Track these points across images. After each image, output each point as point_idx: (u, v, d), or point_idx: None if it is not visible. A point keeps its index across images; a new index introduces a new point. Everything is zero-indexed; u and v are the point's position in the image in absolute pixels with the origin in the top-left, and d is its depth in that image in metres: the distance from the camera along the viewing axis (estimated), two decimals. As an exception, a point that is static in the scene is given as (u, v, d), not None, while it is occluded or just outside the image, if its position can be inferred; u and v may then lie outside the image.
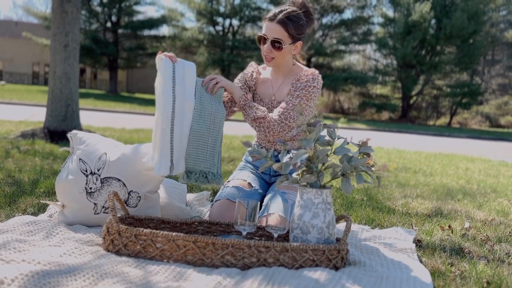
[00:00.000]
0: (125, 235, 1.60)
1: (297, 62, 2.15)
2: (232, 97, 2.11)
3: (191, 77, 1.92)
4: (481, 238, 2.21)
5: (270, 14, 1.97)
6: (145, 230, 1.59)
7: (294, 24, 1.96)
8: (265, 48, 1.99)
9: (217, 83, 1.95)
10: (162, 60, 1.86)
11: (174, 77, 1.87)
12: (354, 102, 26.74)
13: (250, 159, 2.28)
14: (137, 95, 27.20)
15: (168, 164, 1.83)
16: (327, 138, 1.69)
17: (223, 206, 1.99)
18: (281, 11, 1.96)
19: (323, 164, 1.69)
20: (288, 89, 2.08)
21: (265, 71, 2.22)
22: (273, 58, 2.00)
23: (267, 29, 1.96)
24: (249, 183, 2.10)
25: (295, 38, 1.99)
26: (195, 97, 1.91)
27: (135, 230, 1.59)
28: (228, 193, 2.03)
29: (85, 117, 8.33)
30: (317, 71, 2.05)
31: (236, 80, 2.19)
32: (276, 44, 1.96)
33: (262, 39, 2.00)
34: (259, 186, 2.15)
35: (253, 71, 2.19)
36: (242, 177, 2.15)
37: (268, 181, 2.23)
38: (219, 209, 1.99)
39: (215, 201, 2.05)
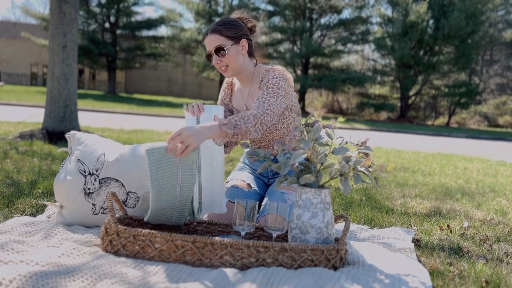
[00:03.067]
0: (124, 236, 1.60)
1: (259, 64, 2.09)
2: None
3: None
4: (479, 238, 2.21)
5: (205, 32, 2.01)
6: (143, 230, 1.59)
7: (226, 27, 1.96)
8: (214, 61, 1.98)
9: (187, 146, 1.62)
10: (186, 116, 1.94)
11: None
12: (352, 102, 26.76)
13: (247, 161, 2.28)
14: (136, 95, 27.18)
15: (196, 205, 1.91)
16: (326, 138, 1.69)
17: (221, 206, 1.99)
18: (212, 24, 2.00)
19: (322, 164, 1.69)
20: (256, 96, 2.04)
21: (237, 82, 2.18)
22: (227, 66, 1.98)
23: (207, 44, 1.97)
24: (248, 184, 2.11)
25: (235, 38, 1.96)
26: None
27: (133, 231, 1.59)
28: (226, 194, 2.03)
29: (83, 118, 8.33)
30: (279, 67, 2.00)
31: (220, 97, 2.22)
32: (219, 51, 1.94)
33: (209, 57, 2.00)
34: (258, 186, 2.15)
35: (226, 87, 2.20)
36: (240, 177, 2.15)
37: (266, 183, 2.23)
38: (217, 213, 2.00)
39: None
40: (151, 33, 27.48)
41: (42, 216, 2.05)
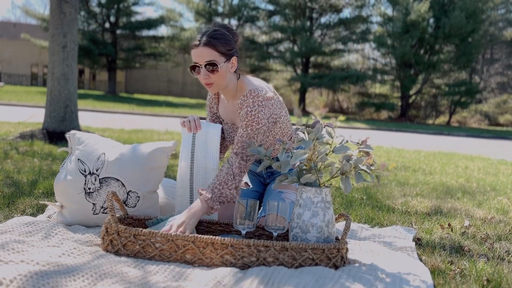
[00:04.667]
0: (124, 235, 1.60)
1: (242, 77, 1.96)
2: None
3: (214, 141, 1.97)
4: (480, 236, 2.20)
5: (194, 41, 1.84)
6: (144, 230, 1.59)
7: (221, 41, 1.82)
8: (201, 76, 1.83)
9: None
10: (182, 133, 1.97)
11: (194, 145, 1.97)
12: (353, 102, 26.75)
13: None
14: (136, 95, 27.18)
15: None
16: (326, 137, 1.69)
17: (222, 206, 1.99)
18: (203, 34, 1.83)
19: (322, 163, 1.69)
20: (236, 114, 1.97)
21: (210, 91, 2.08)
22: (212, 83, 1.85)
23: (196, 56, 1.82)
24: (246, 183, 2.10)
25: (227, 54, 1.84)
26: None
27: (134, 230, 1.59)
28: None
29: (84, 118, 8.33)
30: (257, 88, 1.86)
31: (206, 106, 2.18)
32: (211, 67, 1.81)
33: (195, 68, 1.85)
34: (255, 185, 2.14)
35: (212, 95, 2.10)
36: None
37: (263, 182, 2.22)
38: (219, 211, 1.99)
39: None
40: (151, 33, 27.49)
41: (42, 216, 2.05)
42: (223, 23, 1.94)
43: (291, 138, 2.03)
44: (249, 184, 2.11)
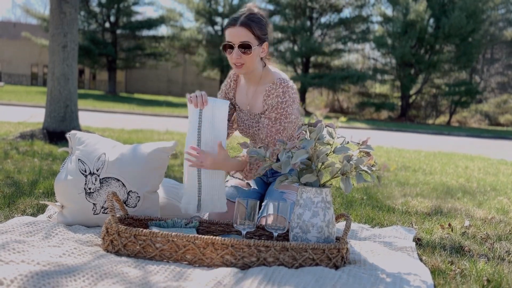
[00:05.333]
0: (125, 236, 1.60)
1: (267, 65, 2.02)
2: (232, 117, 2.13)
3: (221, 117, 1.90)
4: (481, 236, 2.20)
5: (230, 21, 1.89)
6: (144, 230, 1.59)
7: (257, 25, 1.87)
8: (233, 55, 1.87)
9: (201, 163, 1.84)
10: (189, 106, 1.90)
11: (201, 122, 1.90)
12: (353, 102, 26.74)
13: None
14: (136, 95, 27.18)
15: (195, 203, 1.92)
16: (327, 137, 1.69)
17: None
18: (241, 15, 1.88)
19: (323, 163, 1.69)
20: (260, 100, 1.99)
21: (242, 79, 2.12)
22: (243, 64, 1.89)
23: (232, 35, 1.86)
24: (248, 183, 2.10)
25: (261, 39, 1.89)
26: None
27: (134, 230, 1.59)
28: (227, 193, 2.03)
29: (84, 118, 8.32)
30: (286, 79, 1.94)
31: (218, 94, 2.17)
32: (245, 47, 1.85)
33: (228, 47, 1.89)
34: (257, 185, 2.15)
35: (230, 80, 2.12)
36: (240, 176, 2.15)
37: (266, 181, 2.23)
38: (217, 213, 1.99)
39: None
40: (151, 32, 27.48)
41: (43, 216, 2.05)
42: (260, 7, 1.97)
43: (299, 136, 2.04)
44: (251, 184, 2.12)
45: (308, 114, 20.20)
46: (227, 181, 2.15)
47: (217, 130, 1.90)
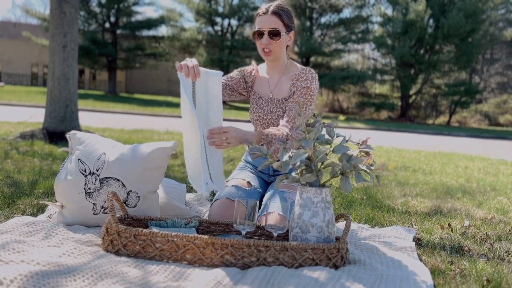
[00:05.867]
0: (124, 235, 1.60)
1: (291, 59, 2.17)
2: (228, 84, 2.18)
3: (217, 90, 1.84)
4: (480, 236, 2.21)
5: (262, 9, 2.04)
6: (144, 230, 1.59)
7: (286, 14, 2.02)
8: (263, 41, 2.01)
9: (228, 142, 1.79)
10: (180, 78, 1.78)
11: (194, 95, 1.81)
12: (353, 102, 26.75)
13: (249, 159, 2.28)
14: (136, 95, 27.18)
15: (209, 182, 1.78)
16: (326, 136, 1.69)
17: (223, 206, 1.99)
18: (271, 5, 2.03)
19: (323, 163, 1.69)
20: (286, 87, 2.09)
21: (262, 70, 2.23)
22: (271, 51, 2.02)
23: (262, 22, 2.00)
24: (248, 182, 2.11)
25: (289, 27, 2.04)
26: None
27: (134, 230, 1.59)
28: (227, 192, 2.03)
29: (84, 118, 8.33)
30: (312, 70, 2.09)
31: (234, 72, 2.22)
32: (274, 34, 1.99)
33: (258, 34, 2.02)
34: (258, 185, 2.15)
35: (253, 69, 2.23)
36: (241, 176, 2.15)
37: (267, 181, 2.23)
38: (219, 209, 1.99)
39: (215, 200, 2.05)
40: (151, 33, 27.53)
41: (43, 216, 2.05)
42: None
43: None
44: (252, 183, 2.12)
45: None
46: (227, 181, 2.15)
47: (213, 103, 1.83)
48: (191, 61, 1.83)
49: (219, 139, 1.76)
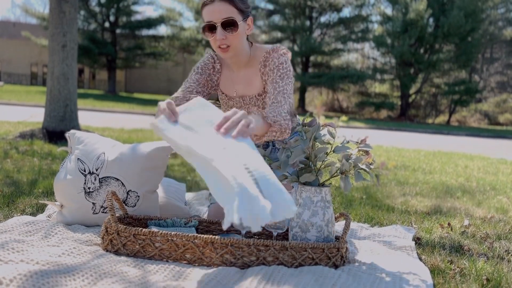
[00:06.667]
0: (124, 235, 1.60)
1: (254, 44, 1.79)
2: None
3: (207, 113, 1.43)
4: (480, 236, 2.21)
5: None
6: (143, 229, 1.59)
7: None
8: (217, 36, 1.61)
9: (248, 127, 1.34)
10: (160, 130, 1.36)
11: (192, 128, 1.37)
12: (353, 101, 26.75)
13: None
14: (136, 95, 27.18)
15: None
16: (328, 137, 1.69)
17: (220, 211, 1.97)
18: None
19: (322, 163, 1.69)
20: (256, 80, 1.77)
21: (224, 62, 1.87)
22: (229, 46, 1.64)
23: (211, 13, 1.61)
24: None
25: (245, 12, 1.65)
26: None
27: (133, 230, 1.59)
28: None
29: (83, 118, 8.32)
30: (279, 46, 1.74)
31: (194, 74, 1.82)
32: (229, 25, 1.61)
33: (209, 28, 1.63)
34: None
35: (214, 61, 1.83)
36: None
37: None
38: (215, 213, 1.98)
39: (211, 203, 2.04)
40: (151, 32, 27.55)
41: (42, 215, 2.05)
42: None
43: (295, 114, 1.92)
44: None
45: (306, 113, 20.17)
46: None
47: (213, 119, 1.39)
48: (163, 105, 1.41)
49: (237, 124, 1.29)
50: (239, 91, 1.82)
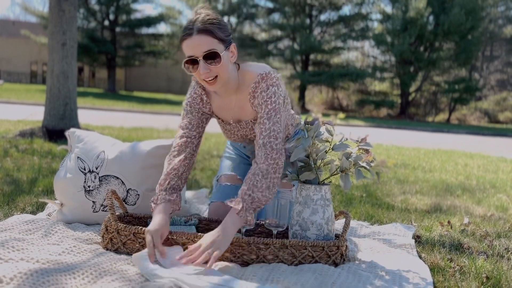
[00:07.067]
0: (124, 234, 1.60)
1: (241, 65, 1.73)
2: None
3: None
4: (480, 234, 2.21)
5: (184, 31, 1.59)
6: (144, 228, 1.59)
7: (217, 26, 1.57)
8: (200, 70, 1.56)
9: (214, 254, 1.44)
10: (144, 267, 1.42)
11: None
12: (352, 99, 26.74)
13: (233, 144, 2.13)
14: (136, 93, 27.16)
15: None
16: (326, 135, 1.69)
17: (219, 209, 1.97)
18: (195, 21, 1.57)
19: (322, 161, 1.69)
20: (248, 106, 1.74)
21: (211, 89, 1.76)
22: (215, 77, 1.59)
23: (191, 47, 1.56)
24: (240, 179, 2.02)
25: (226, 41, 1.59)
26: None
27: (133, 229, 1.59)
28: (222, 195, 1.98)
29: (83, 116, 8.31)
30: (266, 71, 1.66)
31: (185, 110, 1.79)
32: (211, 57, 1.55)
33: (191, 63, 1.59)
34: (246, 170, 2.02)
35: (200, 93, 1.78)
36: (229, 170, 2.06)
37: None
38: (215, 212, 1.98)
39: (211, 202, 2.03)
40: (150, 30, 27.47)
41: (42, 214, 2.05)
42: (206, 7, 1.65)
43: (292, 122, 1.90)
44: (238, 177, 2.06)
45: (306, 111, 20.19)
46: (220, 177, 2.09)
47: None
48: (150, 236, 1.47)
49: (200, 259, 1.41)
50: (234, 116, 1.79)
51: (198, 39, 1.55)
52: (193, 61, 1.58)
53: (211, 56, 1.55)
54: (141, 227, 1.60)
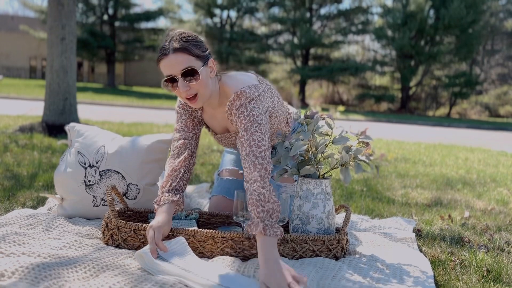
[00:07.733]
0: (124, 230, 1.60)
1: (222, 78, 1.71)
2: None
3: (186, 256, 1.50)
4: (480, 227, 2.21)
5: (161, 52, 1.58)
6: (144, 225, 1.59)
7: (192, 43, 1.56)
8: (180, 88, 1.55)
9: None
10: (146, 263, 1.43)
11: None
12: (353, 94, 26.69)
13: None
14: (135, 88, 27.11)
15: None
16: (326, 128, 1.68)
17: (220, 203, 1.98)
18: (170, 41, 1.56)
19: (322, 155, 1.68)
20: (229, 121, 1.71)
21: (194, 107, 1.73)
22: (196, 94, 1.58)
23: (168, 66, 1.55)
24: (241, 173, 2.05)
25: (203, 57, 1.58)
26: None
27: (134, 225, 1.59)
28: (223, 189, 2.00)
29: (83, 111, 8.30)
30: (241, 89, 1.60)
31: (178, 112, 1.79)
32: (189, 74, 1.54)
33: (170, 82, 1.58)
34: None
35: (187, 108, 1.79)
36: (228, 165, 2.08)
37: None
38: (216, 206, 1.98)
39: (212, 195, 2.04)
40: (150, 25, 27.44)
41: (43, 208, 2.05)
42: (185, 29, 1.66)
43: (287, 122, 1.91)
44: (241, 171, 2.07)
45: (306, 106, 20.15)
46: (221, 171, 2.10)
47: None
48: (152, 231, 1.48)
49: None
50: (222, 126, 1.80)
51: (174, 58, 1.54)
52: (172, 80, 1.58)
53: (189, 73, 1.55)
54: (141, 223, 1.60)
